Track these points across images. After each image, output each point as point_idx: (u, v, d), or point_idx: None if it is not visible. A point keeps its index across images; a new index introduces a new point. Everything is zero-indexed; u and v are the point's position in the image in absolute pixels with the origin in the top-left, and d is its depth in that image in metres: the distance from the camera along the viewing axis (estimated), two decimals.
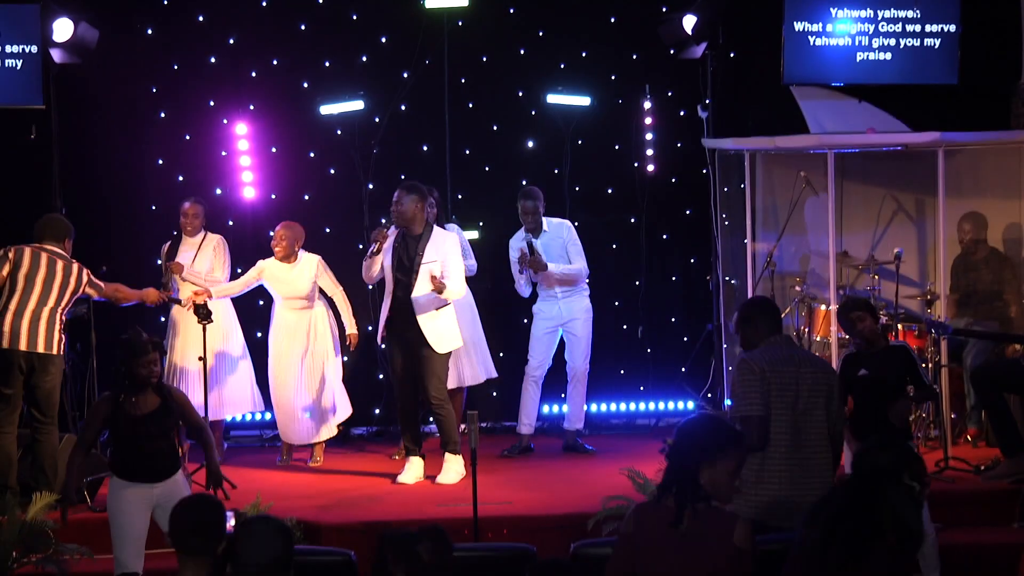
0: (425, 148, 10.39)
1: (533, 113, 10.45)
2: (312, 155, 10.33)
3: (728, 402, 9.33)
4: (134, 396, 6.37)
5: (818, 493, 5.55)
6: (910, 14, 9.60)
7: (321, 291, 9.11)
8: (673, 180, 10.67)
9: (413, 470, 8.41)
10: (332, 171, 10.33)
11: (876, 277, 9.44)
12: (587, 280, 9.28)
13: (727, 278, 10.19)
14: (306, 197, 10.26)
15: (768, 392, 5.60)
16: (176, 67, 10.13)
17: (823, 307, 9.38)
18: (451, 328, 8.37)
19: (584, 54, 10.51)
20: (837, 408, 5.75)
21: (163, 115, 10.13)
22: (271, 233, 9.10)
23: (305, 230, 9.30)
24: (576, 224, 9.48)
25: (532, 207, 9.08)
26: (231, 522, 4.86)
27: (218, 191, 10.12)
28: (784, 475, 5.57)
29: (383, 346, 8.52)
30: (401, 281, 8.22)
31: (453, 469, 8.33)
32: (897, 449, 4.66)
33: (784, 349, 5.72)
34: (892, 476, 4.49)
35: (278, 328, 9.05)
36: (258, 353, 9.33)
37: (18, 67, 9.27)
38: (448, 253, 8.26)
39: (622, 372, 10.65)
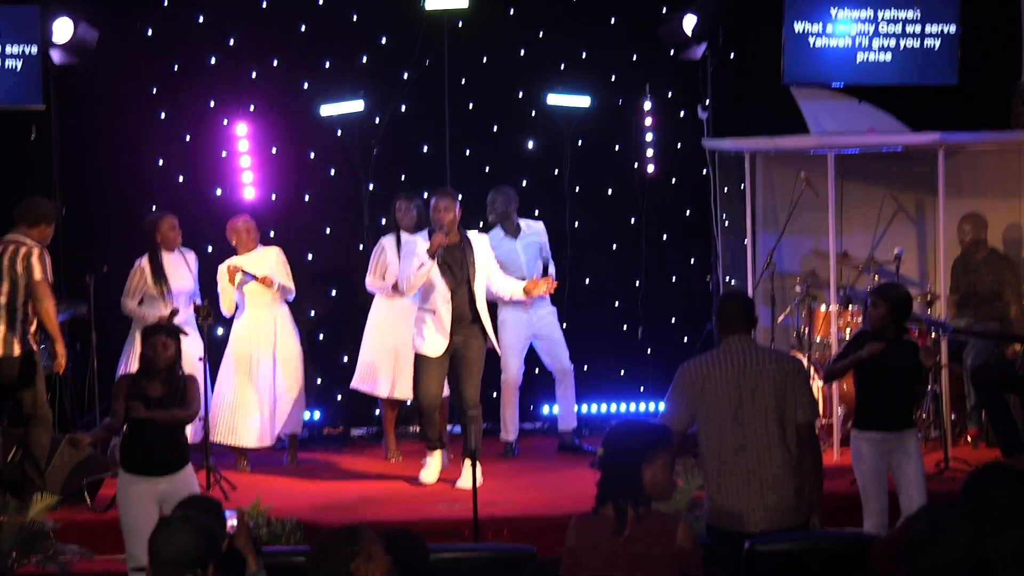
0: (425, 148, 10.39)
1: (533, 113, 10.44)
2: (312, 155, 10.32)
3: None
4: (146, 380, 6.43)
5: (775, 493, 5.51)
6: (910, 15, 9.60)
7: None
8: (673, 180, 10.67)
9: (435, 466, 8.41)
10: (332, 171, 10.33)
11: (876, 277, 9.44)
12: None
13: (727, 278, 10.18)
14: (306, 197, 10.26)
15: (698, 400, 5.57)
16: (176, 68, 10.12)
17: (823, 307, 9.37)
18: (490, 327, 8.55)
19: (584, 54, 10.51)
20: (800, 399, 5.61)
21: (163, 115, 10.12)
22: (253, 228, 9.09)
23: (306, 230, 9.31)
24: (576, 224, 9.48)
25: (492, 199, 9.21)
26: (231, 522, 4.84)
27: (218, 191, 10.12)
28: (736, 480, 5.51)
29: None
30: (458, 290, 8.27)
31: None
32: (1012, 485, 4.31)
33: (732, 352, 5.64)
34: (1008, 516, 4.21)
35: (244, 326, 8.99)
36: None
37: (18, 68, 9.27)
38: (490, 255, 8.46)
39: (622, 372, 10.65)
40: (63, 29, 9.30)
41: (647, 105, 10.48)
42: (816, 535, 5.52)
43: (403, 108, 10.32)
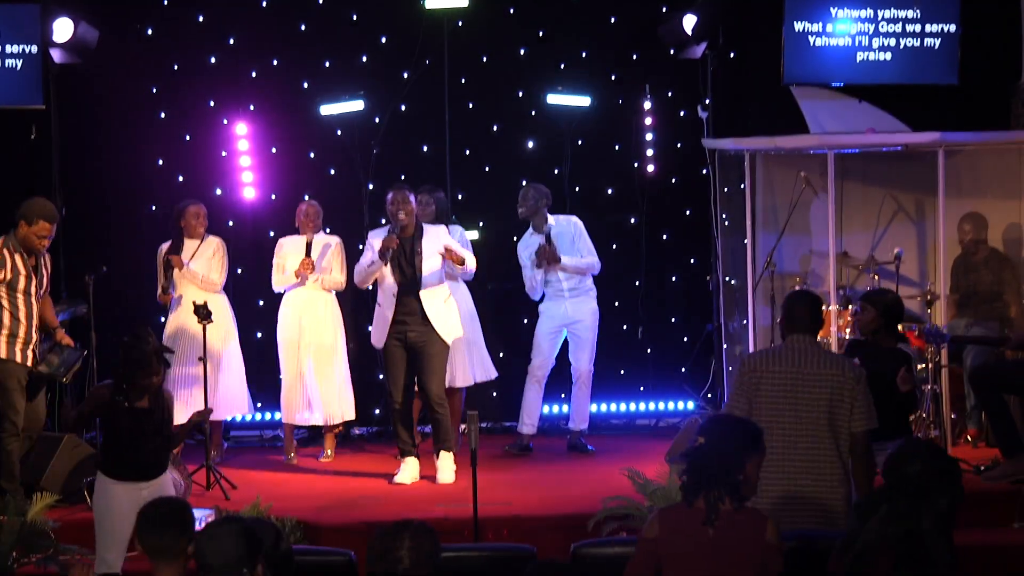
0: (425, 148, 10.39)
1: (533, 113, 10.45)
2: (312, 155, 10.33)
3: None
4: (131, 393, 6.37)
5: (818, 496, 5.54)
6: (910, 14, 9.59)
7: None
8: (673, 180, 10.67)
9: (409, 470, 8.43)
10: (332, 171, 10.33)
11: (876, 277, 9.43)
12: (594, 278, 9.32)
13: (727, 278, 10.18)
14: (306, 197, 10.23)
15: (754, 392, 5.61)
16: (176, 67, 10.13)
17: (823, 307, 9.35)
18: (454, 317, 8.47)
19: (584, 54, 10.51)
20: (857, 407, 5.62)
21: (163, 115, 10.12)
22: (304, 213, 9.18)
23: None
24: None
25: (523, 193, 9.18)
26: (209, 518, 4.85)
27: (218, 191, 10.12)
28: (779, 475, 5.54)
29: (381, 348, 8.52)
30: (404, 284, 8.29)
31: (450, 467, 8.36)
32: (926, 458, 4.40)
33: (793, 350, 5.68)
34: (923, 489, 4.30)
35: (286, 308, 9.11)
36: (256, 352, 9.35)
37: (18, 67, 9.28)
38: (444, 241, 8.37)
39: (622, 372, 10.65)
40: (63, 29, 9.31)
41: (647, 105, 10.48)
42: (818, 535, 5.52)
43: (403, 108, 10.32)
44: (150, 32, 10.10)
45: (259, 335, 9.74)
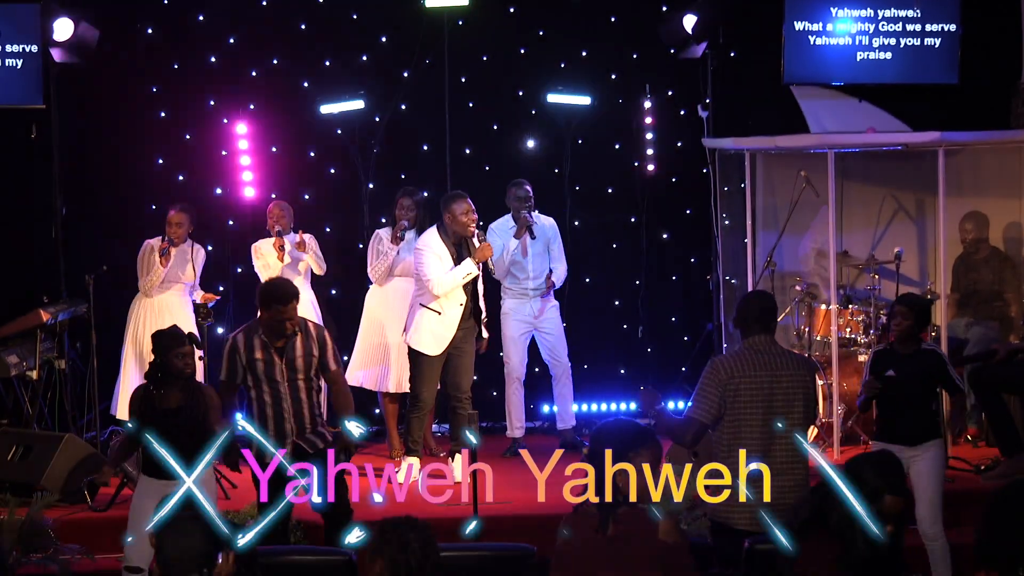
0: (425, 148, 10.39)
1: (533, 113, 10.44)
2: (312, 155, 10.33)
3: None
4: (163, 389, 6.38)
5: (795, 495, 5.48)
6: (910, 14, 9.60)
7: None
8: (673, 180, 10.67)
9: (412, 470, 8.44)
10: (332, 171, 10.33)
11: (876, 276, 9.43)
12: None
13: (727, 278, 10.18)
14: (306, 197, 10.26)
15: (725, 400, 5.60)
16: (176, 67, 10.13)
17: (823, 306, 9.37)
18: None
19: (584, 53, 10.51)
20: (812, 406, 5.71)
21: (163, 115, 10.12)
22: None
23: (305, 230, 9.32)
24: (576, 223, 9.47)
25: (525, 195, 9.12)
26: None
27: (218, 191, 10.12)
28: (758, 480, 5.49)
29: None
30: (469, 286, 8.38)
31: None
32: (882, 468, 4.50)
33: (761, 353, 5.66)
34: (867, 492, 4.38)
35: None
36: None
37: (18, 67, 9.28)
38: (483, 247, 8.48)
39: (622, 372, 10.65)
40: (63, 28, 9.31)
41: (647, 104, 10.48)
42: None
43: (403, 107, 10.32)
44: (150, 31, 10.10)
45: None
